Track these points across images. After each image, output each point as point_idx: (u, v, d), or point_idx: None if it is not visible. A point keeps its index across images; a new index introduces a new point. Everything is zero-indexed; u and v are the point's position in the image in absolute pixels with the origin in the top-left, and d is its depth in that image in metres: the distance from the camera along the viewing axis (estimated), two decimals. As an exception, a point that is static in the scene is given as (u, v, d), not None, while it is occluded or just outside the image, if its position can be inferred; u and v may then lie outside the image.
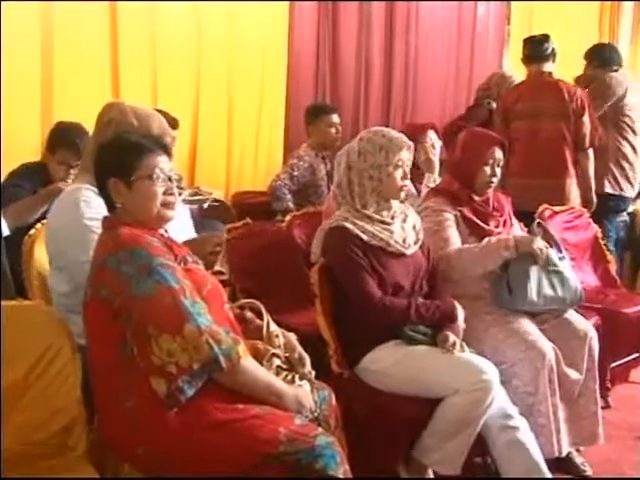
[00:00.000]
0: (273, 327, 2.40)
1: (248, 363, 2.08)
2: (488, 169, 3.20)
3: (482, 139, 3.31)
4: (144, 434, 2.02)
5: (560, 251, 3.22)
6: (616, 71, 5.10)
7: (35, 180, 3.65)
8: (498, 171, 3.24)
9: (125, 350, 2.01)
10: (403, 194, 2.94)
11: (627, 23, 6.93)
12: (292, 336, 2.43)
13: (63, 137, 3.66)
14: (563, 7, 6.50)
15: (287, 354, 2.33)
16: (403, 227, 2.93)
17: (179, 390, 1.95)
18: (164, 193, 2.19)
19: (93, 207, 2.54)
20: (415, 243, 2.93)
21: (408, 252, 2.89)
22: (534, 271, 3.08)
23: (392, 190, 2.90)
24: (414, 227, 2.98)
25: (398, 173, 2.88)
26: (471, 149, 3.26)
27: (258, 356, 2.20)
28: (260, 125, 5.71)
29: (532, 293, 3.07)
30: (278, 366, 2.25)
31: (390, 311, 2.75)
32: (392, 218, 2.92)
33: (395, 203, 2.95)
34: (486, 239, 3.13)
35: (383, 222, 2.88)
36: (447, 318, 2.84)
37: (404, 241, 2.89)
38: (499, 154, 3.23)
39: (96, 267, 2.10)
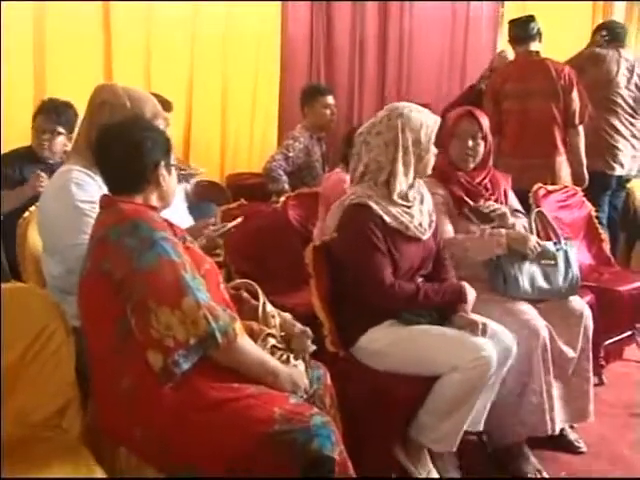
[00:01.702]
0: (269, 307, 2.41)
1: (244, 341, 2.09)
2: (459, 142, 3.19)
3: (452, 113, 3.31)
4: (140, 413, 2.03)
5: (558, 240, 3.22)
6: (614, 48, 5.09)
7: (22, 164, 3.70)
8: (476, 143, 3.21)
9: (122, 327, 2.01)
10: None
11: (620, 6, 6.87)
12: (287, 315, 2.45)
13: (44, 106, 3.73)
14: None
15: (283, 334, 2.35)
16: (421, 210, 2.88)
17: (175, 364, 1.96)
18: None
19: (87, 190, 2.52)
20: (429, 227, 2.89)
21: (424, 237, 2.85)
22: (527, 265, 3.09)
23: (426, 167, 2.87)
24: (428, 210, 2.93)
25: (433, 149, 2.86)
26: (443, 124, 3.14)
27: (253, 336, 2.21)
28: (254, 107, 5.71)
29: (525, 285, 3.08)
30: (273, 345, 2.26)
31: (399, 297, 2.72)
32: (413, 199, 2.87)
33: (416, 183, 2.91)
34: (478, 232, 3.12)
35: (405, 205, 2.82)
36: (455, 300, 2.80)
37: (421, 225, 2.84)
38: (469, 126, 3.19)
39: (97, 241, 2.10)
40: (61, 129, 3.70)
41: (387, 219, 2.75)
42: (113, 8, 4.72)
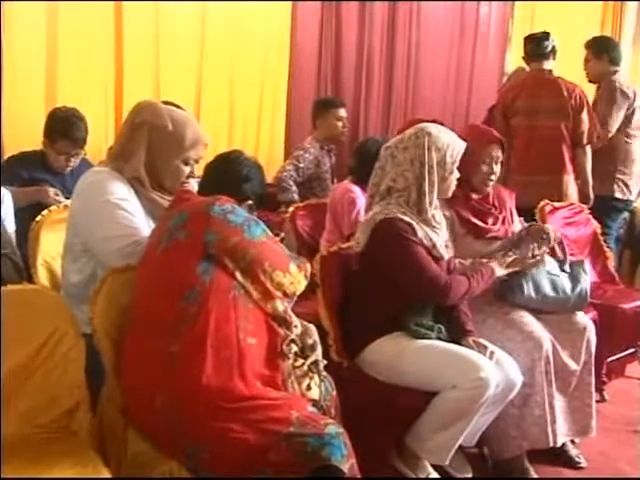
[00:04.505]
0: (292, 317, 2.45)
1: None
2: (485, 167, 3.18)
3: (480, 137, 3.24)
4: (173, 379, 2.09)
5: (564, 265, 3.24)
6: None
7: (33, 168, 3.74)
8: (497, 168, 3.21)
9: (192, 293, 2.15)
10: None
11: (630, 22, 6.90)
12: (311, 326, 2.50)
13: (63, 128, 3.69)
14: (565, 6, 6.51)
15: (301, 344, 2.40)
16: (445, 233, 2.93)
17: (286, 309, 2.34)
18: None
19: (120, 187, 2.51)
20: (447, 248, 2.93)
21: (445, 257, 2.89)
22: (533, 273, 3.11)
23: (448, 189, 2.90)
24: (446, 233, 2.97)
25: (456, 173, 2.89)
26: (469, 147, 3.04)
27: (277, 339, 2.28)
28: (261, 119, 5.77)
29: (530, 292, 3.09)
30: (295, 352, 2.32)
31: (456, 290, 2.76)
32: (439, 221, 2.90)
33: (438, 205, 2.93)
34: (483, 251, 3.14)
35: (433, 226, 2.85)
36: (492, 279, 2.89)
37: (442, 245, 2.88)
38: (497, 152, 3.19)
39: (196, 214, 2.25)
40: (80, 150, 3.76)
41: (419, 233, 2.78)
42: (125, 12, 4.78)
